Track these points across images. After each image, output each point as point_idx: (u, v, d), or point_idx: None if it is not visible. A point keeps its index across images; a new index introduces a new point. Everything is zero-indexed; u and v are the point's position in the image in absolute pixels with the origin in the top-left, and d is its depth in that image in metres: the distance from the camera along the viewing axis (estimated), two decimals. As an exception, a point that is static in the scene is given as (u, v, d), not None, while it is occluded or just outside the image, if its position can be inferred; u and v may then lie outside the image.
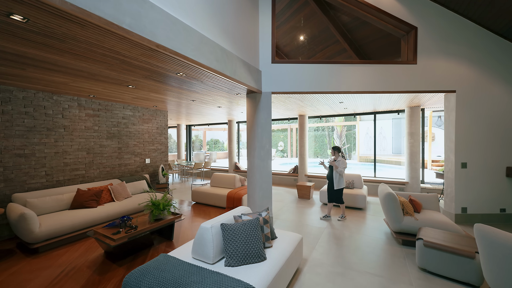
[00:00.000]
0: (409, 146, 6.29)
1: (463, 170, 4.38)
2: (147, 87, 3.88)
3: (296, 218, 4.74)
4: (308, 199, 6.25)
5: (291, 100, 5.24)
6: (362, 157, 13.41)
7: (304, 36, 6.70)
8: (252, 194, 4.46)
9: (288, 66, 4.40)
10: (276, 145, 17.94)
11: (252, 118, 4.45)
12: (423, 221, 3.42)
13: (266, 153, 4.38)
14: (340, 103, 5.59)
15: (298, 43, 6.95)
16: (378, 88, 4.38)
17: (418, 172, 6.21)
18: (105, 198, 4.43)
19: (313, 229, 4.18)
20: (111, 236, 2.95)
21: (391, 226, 3.61)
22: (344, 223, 4.47)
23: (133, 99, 4.96)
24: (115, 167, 5.28)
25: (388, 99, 5.22)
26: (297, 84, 4.39)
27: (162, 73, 3.13)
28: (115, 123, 5.29)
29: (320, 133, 16.30)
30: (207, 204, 5.80)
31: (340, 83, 4.39)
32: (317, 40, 6.66)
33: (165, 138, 6.57)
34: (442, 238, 2.82)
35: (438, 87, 4.36)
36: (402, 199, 3.72)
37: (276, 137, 18.12)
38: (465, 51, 4.32)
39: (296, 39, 6.88)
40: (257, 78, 4.22)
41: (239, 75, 3.63)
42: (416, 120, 6.21)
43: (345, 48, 6.34)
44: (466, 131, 4.37)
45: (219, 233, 2.29)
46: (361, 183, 5.75)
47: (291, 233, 2.93)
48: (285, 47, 7.25)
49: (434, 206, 3.91)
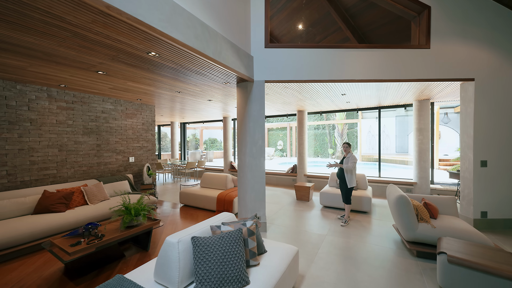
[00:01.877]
0: (417, 143, 5.76)
1: (483, 169, 3.85)
2: (120, 73, 3.37)
3: (293, 223, 4.22)
4: (307, 201, 5.73)
5: (287, 91, 4.72)
6: (364, 156, 12.87)
7: (302, 24, 6.17)
8: (243, 196, 3.94)
9: (283, 52, 3.88)
10: (275, 144, 17.40)
11: (243, 110, 3.93)
12: (442, 229, 2.89)
13: (258, 150, 3.86)
14: (343, 95, 5.07)
15: (296, 33, 6.42)
16: (385, 76, 3.86)
17: (427, 172, 5.68)
18: (76, 201, 3.92)
19: (312, 236, 3.66)
20: (65, 249, 2.43)
21: (403, 235, 3.08)
22: (347, 229, 3.94)
23: (111, 90, 4.45)
24: (93, 166, 4.76)
25: (396, 90, 4.69)
26: (294, 71, 3.87)
27: (130, 53, 2.62)
28: (93, 117, 4.78)
29: (320, 131, 15.76)
30: (196, 207, 5.28)
31: (342, 71, 3.87)
32: (316, 29, 6.13)
33: (152, 135, 6.06)
34: (470, 252, 2.29)
35: (454, 75, 3.83)
36: (416, 203, 3.19)
37: (275, 136, 17.59)
38: (485, 34, 3.79)
39: (293, 29, 6.35)
40: (248, 65, 3.70)
41: (225, 59, 3.11)
42: (425, 114, 5.68)
43: (347, 37, 5.81)
44: (486, 125, 3.84)
45: (189, 250, 1.77)
46: (366, 183, 5.22)
47: (284, 245, 2.41)
48: (282, 37, 6.73)
49: (452, 210, 3.38)
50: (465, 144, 4.05)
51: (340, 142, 14.39)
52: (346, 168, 4.08)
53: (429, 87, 4.39)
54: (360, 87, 4.46)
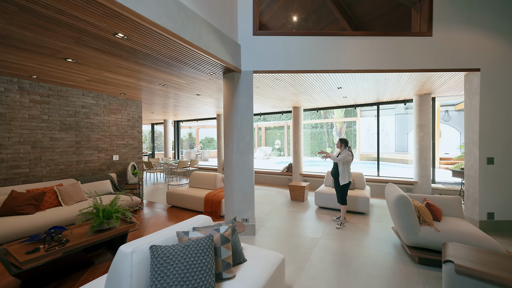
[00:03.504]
0: (418, 140, 5.47)
1: (489, 166, 3.56)
2: (92, 61, 3.06)
3: (284, 226, 3.92)
4: (301, 202, 5.43)
5: (279, 84, 4.42)
6: (363, 155, 12.58)
7: (296, 16, 5.87)
8: (229, 196, 3.64)
9: (273, 40, 3.58)
10: (272, 143, 17.10)
11: (230, 103, 3.63)
12: (447, 232, 2.59)
13: (246, 146, 3.56)
14: (338, 88, 4.76)
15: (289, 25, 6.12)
16: (384, 66, 3.56)
17: (428, 171, 5.38)
18: (49, 202, 3.61)
19: (305, 240, 3.36)
20: (18, 257, 2.12)
21: (404, 239, 2.78)
22: (343, 232, 3.64)
23: (89, 83, 4.14)
24: (71, 165, 4.45)
25: (396, 83, 4.40)
26: (285, 61, 3.57)
27: (94, 34, 2.31)
28: (72, 112, 4.47)
29: (318, 130, 15.47)
30: (183, 208, 4.98)
31: (338, 60, 3.57)
32: (311, 20, 5.83)
33: (138, 132, 5.74)
34: (481, 261, 1.99)
35: (458, 65, 3.54)
36: (417, 204, 2.89)
37: (273, 135, 17.28)
38: (492, 21, 3.50)
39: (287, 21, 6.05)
40: (235, 53, 3.40)
41: (206, 44, 2.81)
42: (426, 110, 5.39)
43: (344, 28, 5.51)
44: (492, 119, 3.55)
45: (146, 262, 1.47)
46: (363, 183, 4.92)
47: (268, 253, 2.10)
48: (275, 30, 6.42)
49: (456, 212, 3.08)
50: (470, 140, 3.76)
51: (338, 141, 14.17)
52: (337, 160, 3.79)
53: (430, 79, 4.10)
54: (357, 79, 4.16)
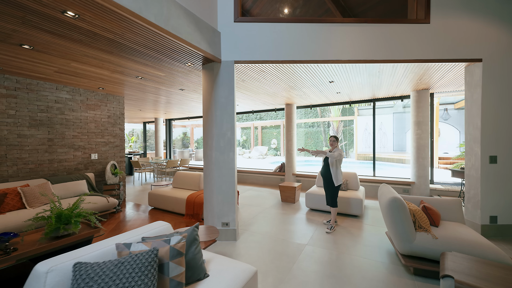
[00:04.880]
0: (415, 139, 5.17)
1: (492, 166, 3.26)
2: (52, 48, 2.75)
3: (270, 230, 3.62)
4: (292, 203, 5.13)
5: (266, 77, 4.11)
6: (360, 155, 12.29)
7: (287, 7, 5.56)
8: (209, 199, 3.33)
9: (257, 27, 3.28)
10: (268, 142, 16.78)
11: (209, 96, 3.32)
12: (446, 240, 2.29)
13: (227, 143, 3.26)
14: (330, 82, 4.46)
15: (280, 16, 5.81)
16: (377, 56, 3.26)
17: (426, 170, 5.09)
18: (11, 204, 3.30)
19: (290, 246, 3.05)
20: None
21: (398, 247, 2.49)
22: (333, 237, 3.34)
23: (59, 75, 3.82)
24: (43, 164, 4.14)
25: (391, 76, 4.10)
26: (270, 51, 3.27)
27: (40, 13, 2.00)
28: (44, 107, 4.15)
29: (315, 129, 15.18)
30: (165, 210, 4.67)
31: (327, 50, 3.27)
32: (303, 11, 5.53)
33: (120, 129, 5.43)
34: (485, 276, 1.69)
35: (458, 55, 3.25)
36: (413, 207, 2.60)
37: (269, 134, 16.96)
38: (495, 7, 3.20)
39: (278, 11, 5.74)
40: (214, 41, 3.10)
41: (176, 28, 2.50)
42: (424, 106, 5.09)
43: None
44: (496, 113, 3.25)
45: (66, 284, 1.16)
46: (357, 183, 4.62)
47: (238, 265, 1.80)
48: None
49: (456, 215, 2.79)
50: (471, 137, 3.46)
51: (335, 140, 13.85)
52: (332, 156, 3.49)
53: (428, 71, 3.80)
54: (350, 72, 3.86)
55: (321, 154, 3.58)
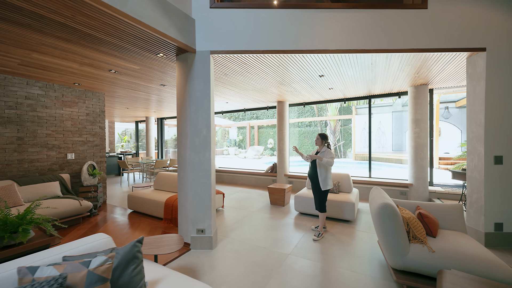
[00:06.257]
0: (413, 137, 4.84)
1: (497, 167, 2.93)
2: (0, 34, 2.45)
3: (252, 236, 3.30)
4: (282, 206, 4.81)
5: (250, 70, 3.80)
6: (358, 155, 11.95)
7: None
8: (183, 203, 3.03)
9: (235, 13, 2.97)
10: (265, 142, 16.46)
11: (183, 90, 3.02)
12: (444, 253, 1.97)
13: (203, 142, 2.95)
14: (320, 77, 4.14)
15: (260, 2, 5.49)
16: (369, 45, 2.94)
17: (425, 171, 4.76)
18: (-35, 208, 3.00)
19: (271, 256, 2.74)
20: None
21: (389, 261, 2.17)
22: (320, 245, 3.03)
23: (26, 68, 3.53)
24: (11, 164, 3.85)
25: (385, 69, 3.78)
26: (249, 39, 2.96)
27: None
28: (12, 104, 3.86)
29: (312, 128, 14.84)
30: (144, 214, 4.37)
31: (313, 38, 2.96)
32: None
33: (100, 128, 5.13)
34: (491, 304, 1.37)
35: (459, 43, 2.92)
36: (407, 214, 2.28)
37: (266, 133, 16.63)
38: (500, -10, 2.88)
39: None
40: (186, 28, 2.79)
41: (137, 11, 2.20)
42: (422, 103, 4.76)
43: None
44: (501, 109, 2.93)
45: None
46: (350, 185, 4.30)
47: (194, 285, 1.49)
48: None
49: (457, 223, 2.46)
50: (474, 135, 3.13)
51: (333, 139, 13.47)
52: (324, 163, 3.17)
53: (426, 63, 3.48)
54: (340, 64, 3.54)
55: (314, 159, 3.25)
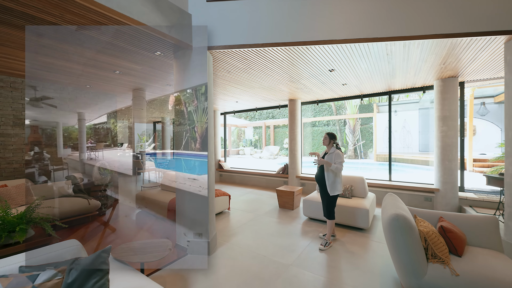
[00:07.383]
0: (440, 137, 4.30)
1: (545, 172, 2.43)
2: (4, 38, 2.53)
3: (254, 243, 3.11)
4: (291, 210, 4.55)
5: (252, 66, 3.60)
6: (380, 155, 11.14)
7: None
8: (180, 204, 2.93)
9: (232, 6, 2.80)
10: (281, 142, 16.13)
11: (181, 87, 2.92)
12: (471, 278, 1.62)
13: (202, 141, 2.82)
14: (331, 71, 3.82)
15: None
16: (381, 32, 2.60)
17: (454, 175, 4.20)
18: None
19: (270, 266, 2.52)
20: None
21: (402, 281, 1.85)
22: (327, 256, 2.74)
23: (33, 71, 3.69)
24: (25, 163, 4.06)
25: (405, 61, 3.36)
26: (247, 32, 2.77)
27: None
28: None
29: (331, 128, 14.21)
30: (152, 214, 4.37)
31: (317, 28, 2.68)
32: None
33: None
34: None
35: (494, 25, 2.47)
36: (425, 228, 1.93)
37: (282, 133, 16.29)
38: (549, -43, 2.38)
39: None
40: (181, 24, 2.68)
41: (124, 6, 2.12)
42: (451, 98, 4.21)
43: None
44: (550, 102, 2.42)
45: None
46: (365, 189, 3.92)
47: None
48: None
49: (491, 240, 2.05)
50: (513, 134, 2.64)
51: (352, 139, 12.71)
52: (334, 169, 2.88)
53: (453, 51, 3.02)
54: (351, 56, 3.21)
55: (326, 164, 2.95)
